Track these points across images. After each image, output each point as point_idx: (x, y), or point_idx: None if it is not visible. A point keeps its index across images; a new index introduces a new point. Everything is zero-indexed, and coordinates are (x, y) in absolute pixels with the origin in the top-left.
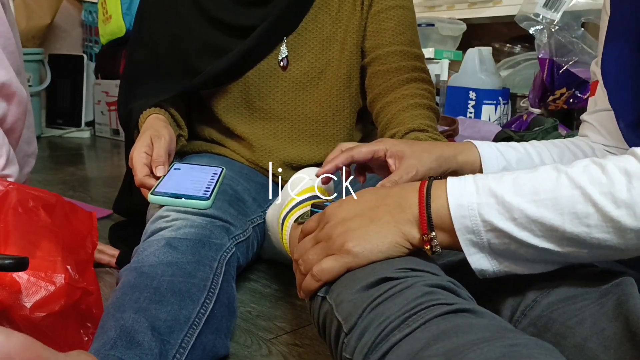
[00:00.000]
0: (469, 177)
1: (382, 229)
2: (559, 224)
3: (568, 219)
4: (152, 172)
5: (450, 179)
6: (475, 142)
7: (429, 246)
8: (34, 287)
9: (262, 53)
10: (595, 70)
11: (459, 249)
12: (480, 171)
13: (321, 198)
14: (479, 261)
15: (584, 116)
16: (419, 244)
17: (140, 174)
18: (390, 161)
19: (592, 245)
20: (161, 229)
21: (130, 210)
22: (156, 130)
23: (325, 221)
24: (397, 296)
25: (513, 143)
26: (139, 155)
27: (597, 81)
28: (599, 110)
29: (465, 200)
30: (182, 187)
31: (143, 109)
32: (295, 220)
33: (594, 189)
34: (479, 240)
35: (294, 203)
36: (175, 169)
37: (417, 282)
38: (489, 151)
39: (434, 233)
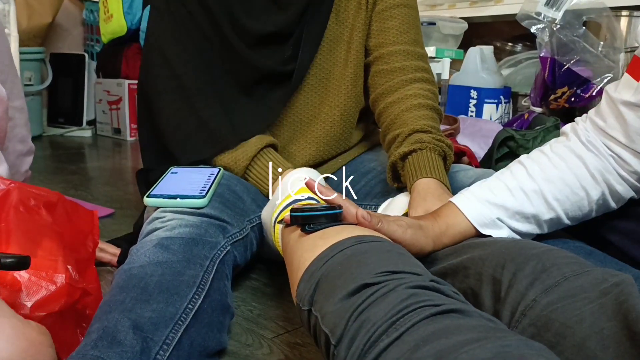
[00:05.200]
0: None
1: None
2: None
3: None
4: None
5: None
6: (455, 201)
7: None
8: (34, 287)
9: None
10: None
11: None
12: (473, 227)
13: (317, 199)
14: None
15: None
16: None
17: None
18: None
19: None
20: (156, 229)
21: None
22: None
23: None
24: (381, 301)
25: (490, 182)
26: None
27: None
28: None
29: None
30: (178, 188)
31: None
32: (279, 222)
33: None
34: None
35: (288, 201)
36: (172, 172)
37: (400, 285)
38: (474, 209)
39: None
